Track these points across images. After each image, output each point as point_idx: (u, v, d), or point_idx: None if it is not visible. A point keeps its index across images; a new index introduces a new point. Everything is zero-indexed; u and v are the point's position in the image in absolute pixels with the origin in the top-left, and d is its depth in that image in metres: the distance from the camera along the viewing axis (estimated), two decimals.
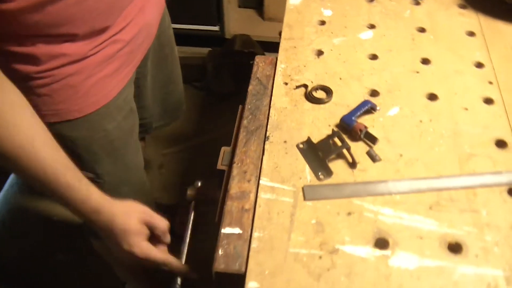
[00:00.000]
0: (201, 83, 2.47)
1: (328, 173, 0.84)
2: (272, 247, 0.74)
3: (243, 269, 0.72)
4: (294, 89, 0.98)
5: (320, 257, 0.74)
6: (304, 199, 0.80)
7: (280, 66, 1.02)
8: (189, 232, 1.01)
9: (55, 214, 2.00)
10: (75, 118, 1.01)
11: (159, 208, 1.46)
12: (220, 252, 0.74)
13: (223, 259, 0.73)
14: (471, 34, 1.12)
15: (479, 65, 1.05)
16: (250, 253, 0.74)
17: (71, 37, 0.89)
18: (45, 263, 1.87)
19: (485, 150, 0.89)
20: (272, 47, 2.46)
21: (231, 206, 0.79)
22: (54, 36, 0.87)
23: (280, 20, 2.48)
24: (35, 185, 0.79)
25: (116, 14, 0.96)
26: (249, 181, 0.82)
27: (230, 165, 0.87)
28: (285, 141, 0.89)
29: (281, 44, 1.07)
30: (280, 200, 0.80)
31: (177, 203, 1.98)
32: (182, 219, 1.93)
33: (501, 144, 0.90)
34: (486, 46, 1.09)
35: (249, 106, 0.94)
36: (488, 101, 0.97)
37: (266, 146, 0.88)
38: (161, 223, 0.94)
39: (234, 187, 0.82)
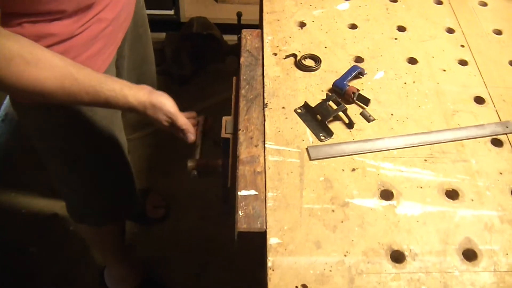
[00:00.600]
0: (160, 68, 2.46)
1: (329, 133, 0.88)
2: (287, 205, 0.79)
3: (264, 227, 0.76)
4: (284, 58, 1.02)
5: (333, 211, 0.78)
6: (310, 159, 0.85)
7: (267, 38, 1.06)
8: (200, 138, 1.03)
9: (23, 207, 1.95)
10: None
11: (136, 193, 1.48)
12: (240, 213, 0.77)
13: (244, 220, 0.76)
14: (439, 2, 1.20)
15: (450, 30, 1.12)
16: (267, 212, 0.77)
17: (59, 15, 0.89)
18: (18, 257, 1.83)
19: (466, 106, 0.96)
20: (227, 28, 2.49)
21: (243, 170, 0.82)
22: (43, 14, 0.86)
23: (233, 2, 2.51)
24: (81, 104, 0.94)
25: None
26: (256, 145, 0.86)
27: (235, 132, 0.90)
28: (283, 107, 0.93)
29: (264, 17, 1.10)
30: (288, 161, 0.84)
31: (147, 187, 1.98)
32: (154, 203, 1.94)
33: (479, 100, 0.97)
34: (454, 13, 1.17)
35: (245, 77, 0.97)
36: (463, 62, 1.05)
37: (266, 113, 0.91)
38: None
39: (243, 152, 0.85)
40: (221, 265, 1.80)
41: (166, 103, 0.97)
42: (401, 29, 1.11)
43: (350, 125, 0.90)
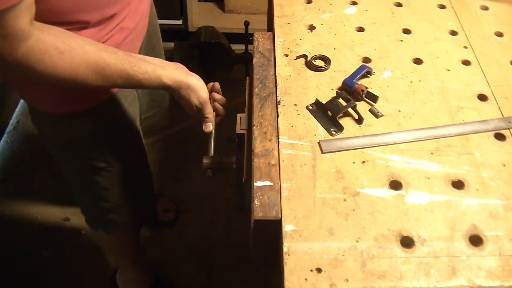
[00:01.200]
0: None
1: (340, 128, 0.93)
2: (301, 194, 0.82)
3: (280, 216, 0.79)
4: (295, 59, 1.06)
5: (345, 200, 0.82)
6: (322, 152, 0.89)
7: (278, 41, 1.10)
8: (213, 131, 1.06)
9: (36, 212, 1.99)
10: (91, 107, 1.05)
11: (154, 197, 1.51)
12: (256, 202, 0.81)
13: (260, 209, 0.80)
14: (442, 7, 1.24)
15: (453, 32, 1.17)
16: (282, 201, 0.81)
17: (84, 25, 0.93)
18: (30, 261, 1.86)
19: (470, 103, 1.00)
20: (235, 37, 2.54)
21: (258, 162, 0.86)
22: (69, 24, 0.91)
23: (240, 12, 2.59)
24: (116, 87, 0.99)
25: (120, 2, 1.00)
26: (270, 140, 0.90)
27: (249, 128, 0.94)
28: (295, 104, 0.97)
29: (275, 21, 1.15)
30: (301, 154, 0.88)
31: (158, 192, 2.02)
32: (164, 207, 1.98)
33: (482, 97, 1.02)
34: (457, 16, 1.21)
35: (257, 76, 1.02)
36: (466, 62, 1.09)
37: (279, 110, 0.95)
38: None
39: (258, 146, 0.89)
40: (229, 268, 1.84)
41: (202, 87, 1.00)
42: (407, 31, 1.16)
43: (359, 120, 0.95)
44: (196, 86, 0.98)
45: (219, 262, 1.86)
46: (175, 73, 0.96)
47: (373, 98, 0.98)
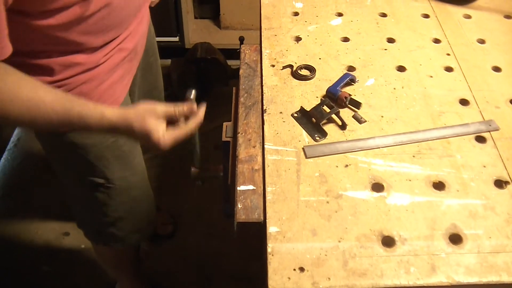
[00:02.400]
0: (167, 92, 2.54)
1: (323, 134, 0.95)
2: (285, 198, 0.85)
3: (262, 218, 0.82)
4: (281, 69, 1.10)
5: (328, 202, 0.85)
6: (306, 157, 0.92)
7: (265, 52, 1.14)
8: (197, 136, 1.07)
9: (36, 227, 2.02)
10: None
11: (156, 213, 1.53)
12: (239, 205, 0.83)
13: (243, 211, 0.83)
14: (426, 16, 1.28)
15: (437, 40, 1.20)
16: (267, 204, 0.84)
17: (86, 49, 0.96)
18: (31, 276, 1.88)
19: (452, 107, 1.03)
20: (231, 53, 2.58)
21: (242, 168, 0.89)
22: (71, 47, 0.93)
23: (236, 28, 2.63)
24: (52, 128, 0.86)
25: (125, 27, 1.03)
26: (254, 146, 0.93)
27: (234, 136, 0.97)
28: (280, 112, 1.00)
29: (263, 33, 1.19)
30: (285, 160, 0.91)
31: (156, 206, 2.04)
32: (162, 220, 2.00)
33: (464, 102, 1.04)
34: (440, 25, 1.25)
35: (243, 86, 1.05)
36: (448, 69, 1.12)
37: (265, 117, 0.98)
38: (171, 108, 0.94)
39: (242, 152, 0.92)
40: (228, 278, 1.86)
41: (145, 104, 0.91)
42: (391, 40, 1.19)
43: (343, 126, 0.97)
44: (149, 108, 0.90)
45: (217, 273, 1.88)
46: (118, 110, 0.90)
47: (356, 104, 1.01)
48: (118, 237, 1.36)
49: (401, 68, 1.11)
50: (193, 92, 0.97)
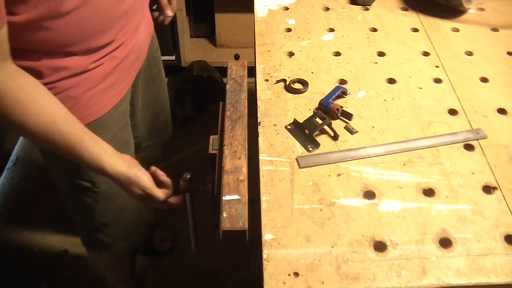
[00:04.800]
0: None
1: (316, 145, 0.98)
2: (279, 206, 0.88)
3: (246, 226, 0.84)
4: (275, 83, 1.13)
5: (321, 210, 0.87)
6: (299, 167, 0.94)
7: (259, 67, 1.17)
8: (191, 220, 1.12)
9: (35, 245, 2.03)
10: None
11: (147, 225, 1.55)
12: (224, 214, 0.86)
13: (228, 220, 0.85)
14: (415, 30, 1.32)
15: (426, 53, 1.24)
16: (262, 212, 0.86)
17: (73, 53, 1.00)
18: None
19: (441, 117, 1.06)
20: (226, 71, 2.62)
21: (227, 178, 0.92)
22: (57, 51, 0.97)
23: (231, 46, 2.69)
24: (54, 152, 0.94)
25: (113, 34, 1.05)
26: (239, 158, 0.95)
27: (221, 148, 0.99)
28: (274, 125, 1.03)
29: (256, 49, 1.22)
30: (279, 170, 0.94)
31: (155, 222, 2.06)
32: (161, 236, 2.02)
33: (453, 112, 1.07)
34: (429, 38, 1.28)
35: (230, 101, 1.08)
36: (437, 80, 1.16)
37: (259, 130, 1.01)
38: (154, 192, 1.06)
39: (228, 164, 0.94)
40: None
41: (142, 177, 1.02)
42: (381, 54, 1.23)
43: (335, 137, 1.00)
44: (136, 178, 1.01)
45: None
46: (118, 163, 0.98)
47: (348, 116, 1.04)
48: (105, 243, 1.39)
49: (391, 81, 1.15)
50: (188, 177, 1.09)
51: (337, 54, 1.23)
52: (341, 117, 1.04)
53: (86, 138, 0.94)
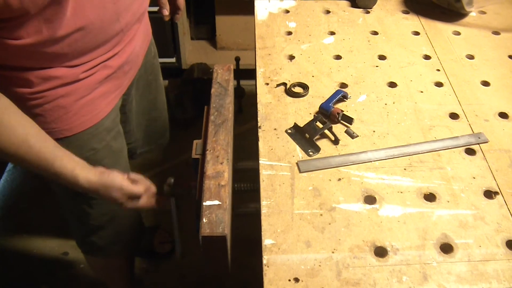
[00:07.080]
0: None
1: (317, 149, 0.98)
2: (279, 211, 0.87)
3: (226, 232, 0.84)
4: (275, 87, 1.12)
5: (321, 215, 0.87)
6: (300, 171, 0.94)
7: (259, 70, 1.17)
8: (176, 225, 1.11)
9: (35, 247, 2.03)
10: (65, 137, 1.08)
11: (142, 229, 1.54)
12: (204, 220, 0.85)
13: (207, 225, 0.84)
14: (416, 33, 1.31)
15: (427, 57, 1.23)
16: (262, 218, 0.86)
17: (64, 65, 0.98)
18: None
19: (442, 121, 1.05)
20: None
21: (209, 184, 0.91)
22: (47, 64, 0.95)
23: (232, 49, 2.67)
24: (30, 171, 0.94)
25: (107, 48, 1.04)
26: (221, 163, 0.95)
27: (203, 153, 0.99)
28: (275, 129, 1.02)
29: (257, 53, 1.22)
30: (280, 174, 0.93)
31: (155, 225, 2.06)
32: (161, 239, 2.02)
33: (454, 116, 1.07)
34: (430, 42, 1.28)
35: (214, 105, 1.07)
36: (438, 84, 1.15)
37: (260, 134, 1.01)
38: (140, 182, 1.07)
39: (210, 169, 0.94)
40: None
41: (115, 179, 1.00)
42: (382, 57, 1.22)
43: (335, 141, 1.00)
44: (109, 181, 1.00)
45: None
46: (91, 174, 0.97)
47: (349, 120, 1.03)
48: (99, 246, 1.38)
49: (392, 84, 1.14)
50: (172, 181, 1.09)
51: (338, 57, 1.22)
52: (341, 121, 1.04)
53: (59, 154, 0.93)
